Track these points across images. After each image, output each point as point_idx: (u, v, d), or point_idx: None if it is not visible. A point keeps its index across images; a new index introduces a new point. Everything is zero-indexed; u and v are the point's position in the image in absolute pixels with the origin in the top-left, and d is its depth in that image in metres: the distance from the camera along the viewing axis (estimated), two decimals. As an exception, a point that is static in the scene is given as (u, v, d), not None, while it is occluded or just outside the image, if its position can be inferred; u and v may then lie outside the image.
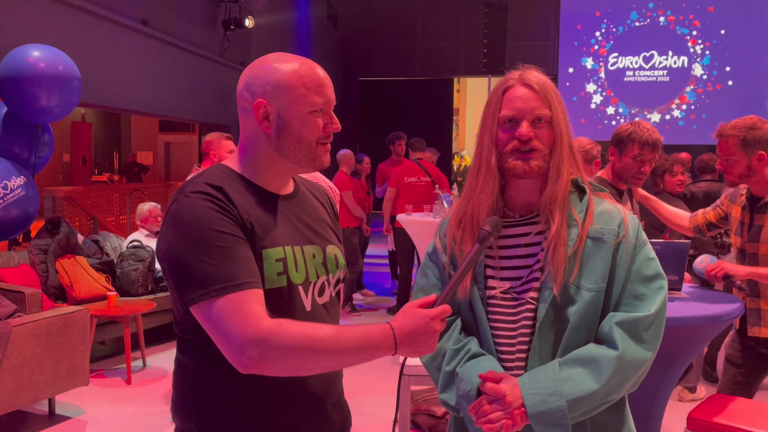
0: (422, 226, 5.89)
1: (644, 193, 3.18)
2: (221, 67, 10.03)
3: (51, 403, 4.00)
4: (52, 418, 3.97)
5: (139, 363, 5.00)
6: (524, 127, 1.40)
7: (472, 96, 21.33)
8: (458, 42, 15.17)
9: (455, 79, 17.08)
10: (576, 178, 1.46)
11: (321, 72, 1.37)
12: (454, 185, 6.96)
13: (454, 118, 18.23)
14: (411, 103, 15.35)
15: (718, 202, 3.02)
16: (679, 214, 3.13)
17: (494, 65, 9.65)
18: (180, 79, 9.01)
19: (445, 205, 5.88)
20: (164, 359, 5.11)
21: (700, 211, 3.08)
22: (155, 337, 5.49)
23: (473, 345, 1.45)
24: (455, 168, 18.18)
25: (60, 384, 3.80)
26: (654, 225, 4.37)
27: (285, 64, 1.35)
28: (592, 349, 1.36)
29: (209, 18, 9.68)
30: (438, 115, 15.64)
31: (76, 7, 6.78)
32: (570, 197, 1.44)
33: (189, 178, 4.03)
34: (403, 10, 15.28)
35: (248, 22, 9.78)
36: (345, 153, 6.95)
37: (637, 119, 3.02)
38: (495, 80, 11.27)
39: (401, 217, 6.12)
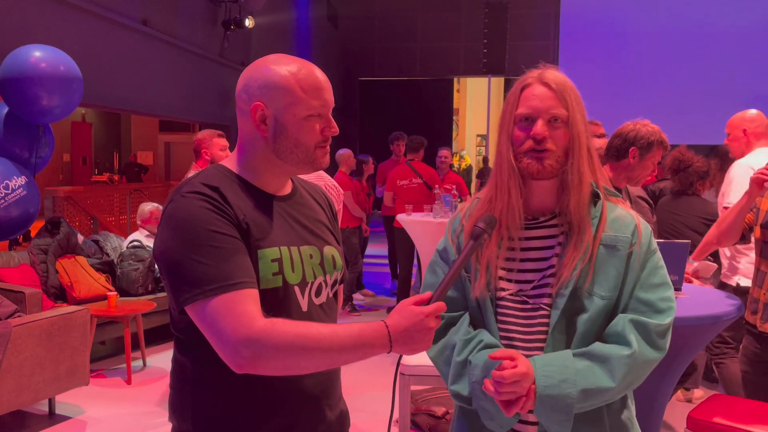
0: (422, 226, 5.89)
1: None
2: (221, 67, 10.03)
3: (51, 403, 4.01)
4: (52, 418, 3.98)
5: (139, 363, 5.00)
6: (539, 126, 1.38)
7: (472, 96, 21.34)
8: (458, 42, 15.18)
9: (455, 79, 17.09)
10: (591, 181, 1.44)
11: (319, 75, 1.36)
12: (453, 185, 6.94)
13: (454, 118, 18.24)
14: (411, 103, 15.35)
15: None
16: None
17: (494, 65, 9.65)
18: (180, 79, 9.01)
19: (445, 205, 5.87)
20: (164, 359, 5.10)
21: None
22: (155, 337, 5.49)
23: (486, 336, 1.44)
24: (455, 168, 18.18)
25: (60, 384, 3.80)
26: (670, 232, 4.37)
27: (283, 67, 1.34)
28: (601, 347, 1.36)
29: (209, 18, 9.68)
30: (438, 115, 15.64)
31: (76, 7, 6.78)
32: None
33: (188, 176, 4.06)
34: (403, 10, 15.29)
35: (248, 22, 9.78)
36: (344, 153, 6.94)
37: (639, 119, 2.95)
38: (495, 80, 11.27)
39: (401, 217, 6.12)
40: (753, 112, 3.57)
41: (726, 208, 3.37)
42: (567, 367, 1.33)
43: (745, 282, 3.45)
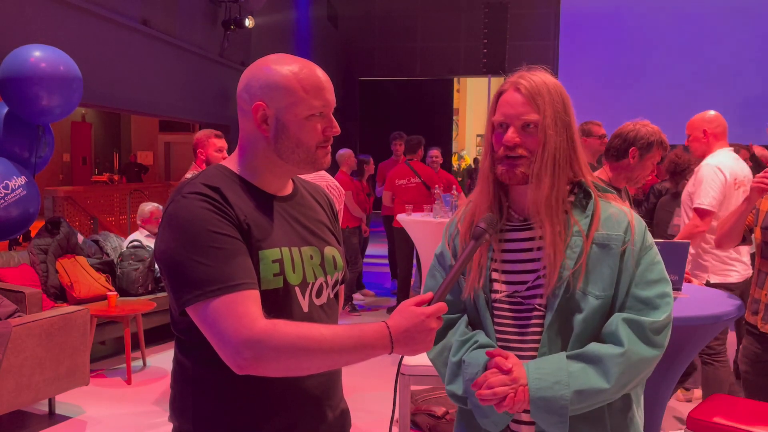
0: (422, 226, 5.89)
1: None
2: (221, 67, 10.03)
3: (51, 403, 4.00)
4: (52, 418, 3.97)
5: (139, 363, 5.00)
6: (509, 133, 1.40)
7: (472, 96, 21.35)
8: (458, 42, 15.18)
9: (455, 79, 17.10)
10: (580, 180, 1.43)
11: (321, 75, 1.36)
12: (455, 185, 6.96)
13: (454, 118, 18.26)
14: (411, 103, 15.36)
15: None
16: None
17: (494, 65, 9.66)
18: (180, 79, 9.01)
19: (445, 205, 5.88)
20: (164, 359, 5.10)
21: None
22: (155, 337, 5.49)
23: (481, 337, 1.44)
24: (455, 168, 18.20)
25: (60, 384, 3.80)
26: (672, 233, 4.38)
27: (284, 67, 1.33)
28: (595, 348, 1.35)
29: (209, 18, 9.68)
30: (438, 115, 15.64)
31: (76, 7, 6.78)
32: (574, 202, 1.42)
33: (187, 176, 4.07)
34: (403, 10, 15.29)
35: (248, 22, 9.79)
36: (345, 153, 6.94)
37: (639, 119, 2.95)
38: (495, 80, 11.28)
39: (401, 217, 6.12)
40: (712, 113, 3.65)
41: (696, 209, 3.43)
42: (560, 369, 1.33)
43: (715, 279, 3.51)
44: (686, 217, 3.63)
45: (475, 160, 17.92)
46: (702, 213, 3.41)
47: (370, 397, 4.22)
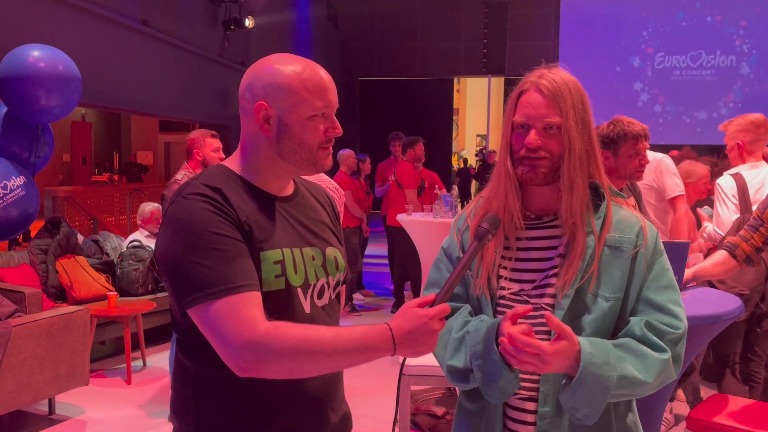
0: (422, 226, 5.90)
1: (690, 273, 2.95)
2: (221, 67, 10.04)
3: (51, 403, 4.00)
4: (52, 418, 3.97)
5: (139, 363, 4.99)
6: (531, 135, 1.38)
7: (472, 96, 21.37)
8: (458, 42, 15.19)
9: (455, 79, 17.10)
10: (595, 182, 1.43)
11: (324, 75, 1.35)
12: (454, 185, 6.98)
13: (454, 118, 18.26)
14: (411, 103, 15.37)
15: (753, 222, 2.69)
16: (720, 261, 2.72)
17: (494, 65, 9.66)
18: (180, 79, 9.01)
19: (445, 205, 5.88)
20: (164, 359, 5.10)
21: (736, 239, 2.71)
22: (155, 337, 5.49)
23: (485, 318, 1.42)
24: (455, 168, 18.21)
25: (60, 384, 3.80)
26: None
27: (287, 66, 1.33)
28: (637, 344, 1.35)
29: (209, 18, 9.68)
30: (438, 115, 15.65)
31: (76, 7, 6.79)
32: (588, 203, 1.42)
33: (176, 177, 4.02)
34: (403, 10, 15.30)
35: (248, 22, 9.79)
36: (345, 153, 6.96)
37: (623, 117, 2.96)
38: (495, 80, 11.28)
39: (401, 217, 6.13)
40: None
41: (679, 197, 3.67)
42: (608, 351, 1.31)
43: None
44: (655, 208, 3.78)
45: (465, 161, 18.04)
46: (683, 198, 3.68)
47: (370, 400, 4.21)
